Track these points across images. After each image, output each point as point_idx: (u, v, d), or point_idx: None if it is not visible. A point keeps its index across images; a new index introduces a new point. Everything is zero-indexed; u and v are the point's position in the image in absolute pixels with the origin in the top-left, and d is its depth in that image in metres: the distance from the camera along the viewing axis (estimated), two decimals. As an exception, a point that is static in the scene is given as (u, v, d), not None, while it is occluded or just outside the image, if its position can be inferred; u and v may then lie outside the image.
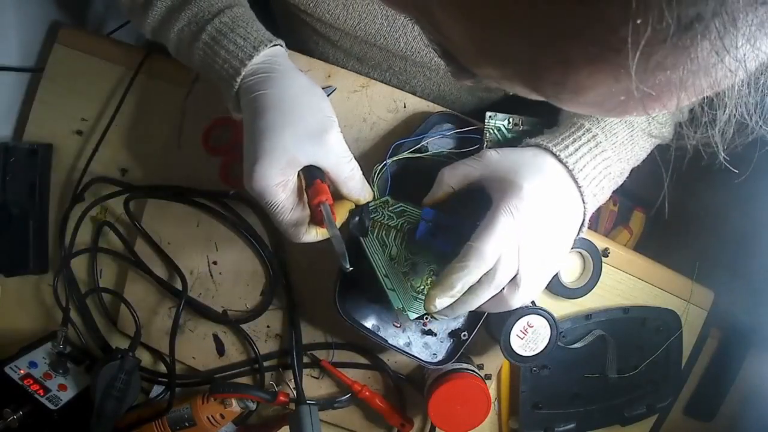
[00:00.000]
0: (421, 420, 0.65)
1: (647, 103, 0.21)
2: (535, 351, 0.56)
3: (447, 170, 0.50)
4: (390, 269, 0.52)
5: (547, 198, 0.46)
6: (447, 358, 0.58)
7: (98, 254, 0.66)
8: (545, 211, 0.46)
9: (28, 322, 0.69)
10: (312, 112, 0.48)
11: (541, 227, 0.46)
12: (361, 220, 0.51)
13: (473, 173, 0.49)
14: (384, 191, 0.54)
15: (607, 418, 0.66)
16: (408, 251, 0.52)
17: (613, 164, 0.49)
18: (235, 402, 0.61)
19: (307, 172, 0.48)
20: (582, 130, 0.49)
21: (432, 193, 0.51)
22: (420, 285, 0.52)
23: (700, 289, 0.66)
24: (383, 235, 0.52)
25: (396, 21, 0.57)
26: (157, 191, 0.63)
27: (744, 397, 0.72)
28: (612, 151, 0.49)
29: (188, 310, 0.64)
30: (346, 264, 0.45)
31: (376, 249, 0.52)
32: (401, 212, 0.52)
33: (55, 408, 0.59)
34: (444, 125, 0.57)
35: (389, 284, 0.51)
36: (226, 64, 0.49)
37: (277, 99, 0.47)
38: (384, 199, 0.52)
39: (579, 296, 0.62)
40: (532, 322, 0.55)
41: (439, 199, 0.51)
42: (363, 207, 0.51)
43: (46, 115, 0.67)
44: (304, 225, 0.48)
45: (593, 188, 0.48)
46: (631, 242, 0.89)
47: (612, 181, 0.50)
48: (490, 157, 0.48)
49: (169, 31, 0.52)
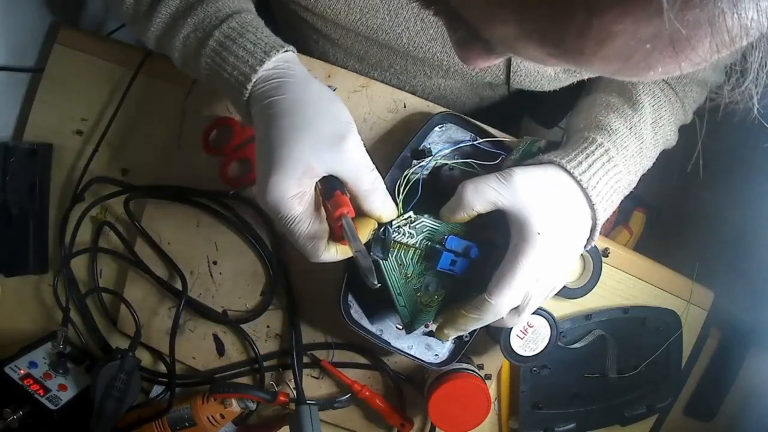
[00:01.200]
0: (421, 420, 0.65)
1: (677, 45, 0.20)
2: (535, 351, 0.56)
3: (470, 189, 0.46)
4: (404, 288, 0.50)
5: (563, 233, 0.46)
6: (449, 359, 0.58)
7: (98, 254, 0.66)
8: (560, 246, 0.46)
9: (28, 322, 0.69)
10: (329, 117, 0.44)
11: (554, 261, 0.46)
12: (386, 242, 0.47)
13: (501, 202, 0.46)
14: (408, 205, 0.50)
15: (607, 418, 0.66)
16: (422, 268, 0.50)
17: (623, 177, 0.50)
18: (235, 402, 0.61)
19: (326, 183, 0.43)
20: (594, 144, 0.49)
21: (451, 208, 0.48)
22: (428, 299, 0.51)
23: (700, 289, 0.66)
24: (402, 254, 0.49)
25: (398, 16, 0.56)
26: (157, 191, 0.63)
27: (744, 397, 0.72)
28: (623, 165, 0.50)
29: (188, 310, 0.64)
30: (373, 280, 0.41)
31: (393, 269, 0.49)
32: (422, 228, 0.49)
33: (55, 408, 0.59)
34: (447, 126, 0.57)
35: (402, 302, 0.50)
36: (235, 71, 0.46)
37: (291, 105, 0.44)
38: (407, 216, 0.48)
39: (579, 296, 0.62)
40: (532, 322, 0.55)
41: (462, 221, 0.49)
42: (386, 227, 0.47)
43: (46, 115, 0.67)
44: (323, 240, 0.45)
45: (604, 204, 0.48)
46: (631, 242, 0.89)
47: (621, 194, 0.50)
48: (518, 184, 0.46)
49: (174, 38, 0.50)
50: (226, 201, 0.61)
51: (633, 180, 0.52)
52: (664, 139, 0.56)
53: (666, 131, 0.56)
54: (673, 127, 0.57)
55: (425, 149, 0.55)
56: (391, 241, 0.48)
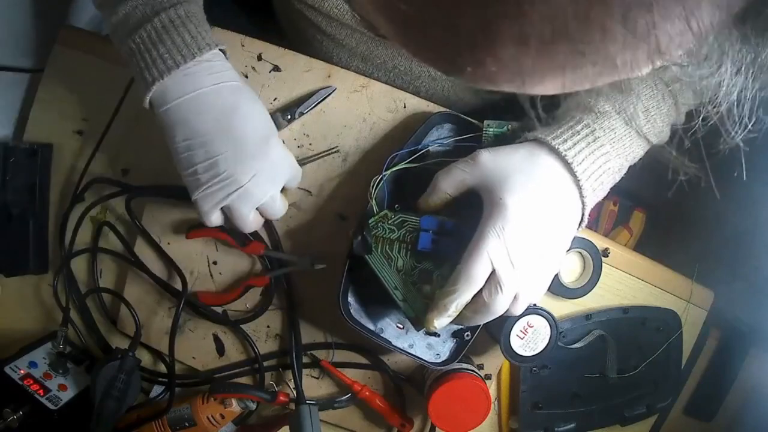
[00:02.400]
0: (421, 420, 0.65)
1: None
2: (535, 351, 0.56)
3: (441, 175, 0.50)
4: (398, 281, 0.51)
5: (538, 205, 0.46)
6: (450, 358, 0.58)
7: (98, 254, 0.66)
8: (536, 219, 0.46)
9: (28, 322, 0.69)
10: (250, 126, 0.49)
11: (533, 236, 0.46)
12: (364, 238, 0.51)
13: (468, 179, 0.49)
14: (382, 203, 0.54)
15: (607, 418, 0.66)
16: (414, 260, 0.51)
17: (612, 159, 0.49)
18: (235, 402, 0.61)
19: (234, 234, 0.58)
20: (580, 125, 0.49)
21: (427, 196, 0.51)
22: (430, 292, 0.51)
23: (700, 289, 0.66)
24: (387, 249, 0.52)
25: None
26: (157, 191, 0.63)
27: (744, 397, 0.72)
28: (610, 146, 0.49)
29: (188, 310, 0.64)
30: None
31: (382, 264, 0.52)
32: (401, 223, 0.52)
33: (55, 408, 0.59)
34: (444, 125, 0.57)
35: (399, 296, 0.51)
36: (167, 54, 0.48)
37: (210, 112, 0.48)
38: (383, 213, 0.52)
39: (579, 296, 0.62)
40: (532, 322, 0.55)
41: (436, 207, 0.51)
42: (363, 225, 0.51)
43: (46, 115, 0.67)
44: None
45: (592, 183, 0.48)
46: (631, 242, 0.89)
47: (611, 176, 0.50)
48: (483, 161, 0.48)
49: (121, 4, 0.50)
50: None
51: (623, 164, 0.51)
52: (657, 130, 0.55)
53: (659, 123, 0.55)
54: (666, 119, 0.57)
55: (424, 154, 0.55)
56: (369, 236, 0.51)
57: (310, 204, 0.61)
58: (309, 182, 0.61)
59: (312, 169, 0.60)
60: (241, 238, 0.60)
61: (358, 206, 0.58)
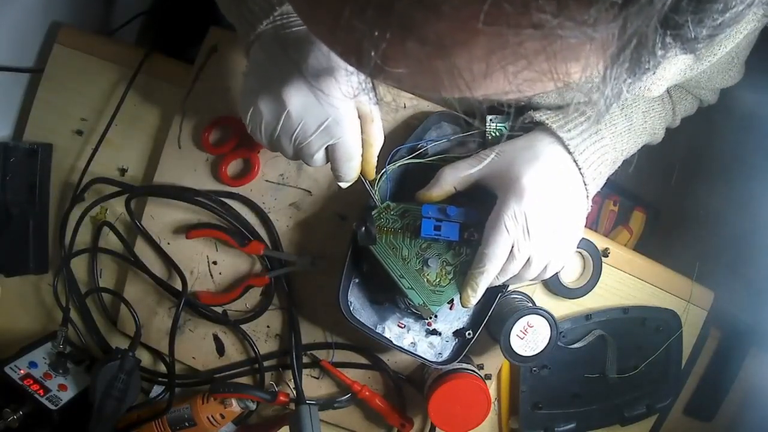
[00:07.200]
0: (421, 420, 0.65)
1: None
2: (535, 351, 0.56)
3: (448, 169, 0.51)
4: (404, 269, 0.52)
5: (549, 182, 0.48)
6: (452, 357, 0.58)
7: (98, 254, 0.66)
8: (549, 195, 0.48)
9: (28, 322, 0.69)
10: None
11: (547, 210, 0.47)
12: (368, 229, 0.52)
13: (475, 174, 0.50)
14: (385, 197, 0.54)
15: (607, 418, 0.66)
16: (418, 248, 0.52)
17: (609, 152, 0.51)
18: (235, 402, 0.61)
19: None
20: (584, 117, 0.50)
21: (429, 190, 0.52)
22: (436, 278, 0.52)
23: (700, 289, 0.66)
24: (391, 239, 0.53)
25: None
26: (157, 191, 0.63)
27: (744, 397, 0.72)
28: (610, 140, 0.51)
29: (188, 310, 0.64)
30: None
31: (387, 254, 0.52)
32: (404, 213, 0.53)
33: (55, 408, 0.59)
34: (443, 125, 0.57)
35: (406, 284, 0.52)
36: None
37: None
38: (385, 204, 0.53)
39: (579, 296, 0.62)
40: (532, 322, 0.55)
41: (438, 199, 0.52)
42: (366, 216, 0.52)
43: (46, 115, 0.67)
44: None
45: (592, 172, 0.49)
46: (631, 242, 0.89)
47: (608, 168, 0.51)
48: (492, 156, 0.49)
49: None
50: (226, 201, 0.61)
51: (618, 158, 0.53)
52: (653, 130, 0.57)
53: (656, 123, 0.57)
54: (662, 123, 0.58)
55: (424, 152, 0.56)
56: (373, 227, 0.52)
57: (310, 204, 0.61)
58: (309, 182, 0.61)
59: (312, 169, 0.60)
60: (240, 238, 0.60)
61: (358, 206, 0.58)
